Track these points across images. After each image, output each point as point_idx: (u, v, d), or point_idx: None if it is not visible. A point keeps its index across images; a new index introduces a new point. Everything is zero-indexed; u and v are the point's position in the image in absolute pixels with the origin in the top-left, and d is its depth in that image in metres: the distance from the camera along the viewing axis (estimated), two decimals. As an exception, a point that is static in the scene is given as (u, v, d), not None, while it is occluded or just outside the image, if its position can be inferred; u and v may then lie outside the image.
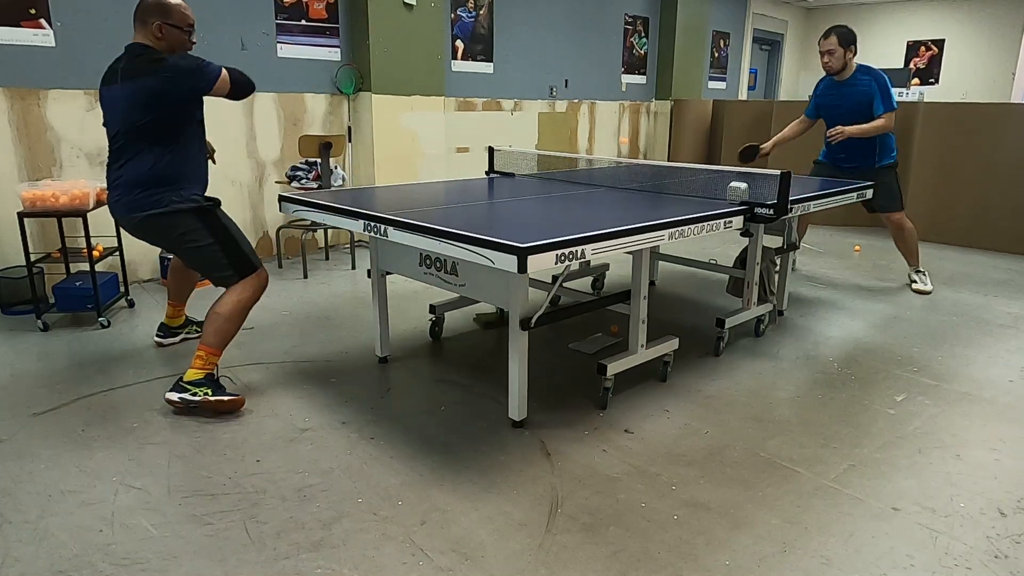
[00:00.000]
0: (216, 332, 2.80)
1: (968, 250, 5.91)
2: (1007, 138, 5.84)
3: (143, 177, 2.75)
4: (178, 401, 2.73)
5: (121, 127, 2.74)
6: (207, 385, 2.76)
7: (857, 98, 4.33)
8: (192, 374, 2.77)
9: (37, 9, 4.04)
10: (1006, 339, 3.73)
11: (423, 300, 4.17)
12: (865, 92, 4.31)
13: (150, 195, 2.76)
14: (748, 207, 2.99)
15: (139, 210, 2.78)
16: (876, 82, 4.29)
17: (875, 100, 4.27)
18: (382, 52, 5.42)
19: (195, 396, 2.73)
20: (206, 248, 2.82)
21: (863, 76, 4.34)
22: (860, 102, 4.32)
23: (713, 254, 5.09)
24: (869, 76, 4.33)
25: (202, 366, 2.78)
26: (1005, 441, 2.61)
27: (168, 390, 2.77)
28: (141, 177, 2.75)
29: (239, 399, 2.79)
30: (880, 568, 1.89)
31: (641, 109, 8.47)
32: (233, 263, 2.85)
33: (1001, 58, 10.16)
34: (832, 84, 4.47)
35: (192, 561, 1.89)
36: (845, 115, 4.38)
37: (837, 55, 4.29)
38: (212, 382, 2.79)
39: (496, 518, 2.09)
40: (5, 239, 4.05)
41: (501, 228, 2.43)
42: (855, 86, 4.35)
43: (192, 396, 2.73)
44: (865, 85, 4.31)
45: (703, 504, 2.18)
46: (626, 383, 3.02)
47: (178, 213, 2.80)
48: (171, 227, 2.81)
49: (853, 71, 4.37)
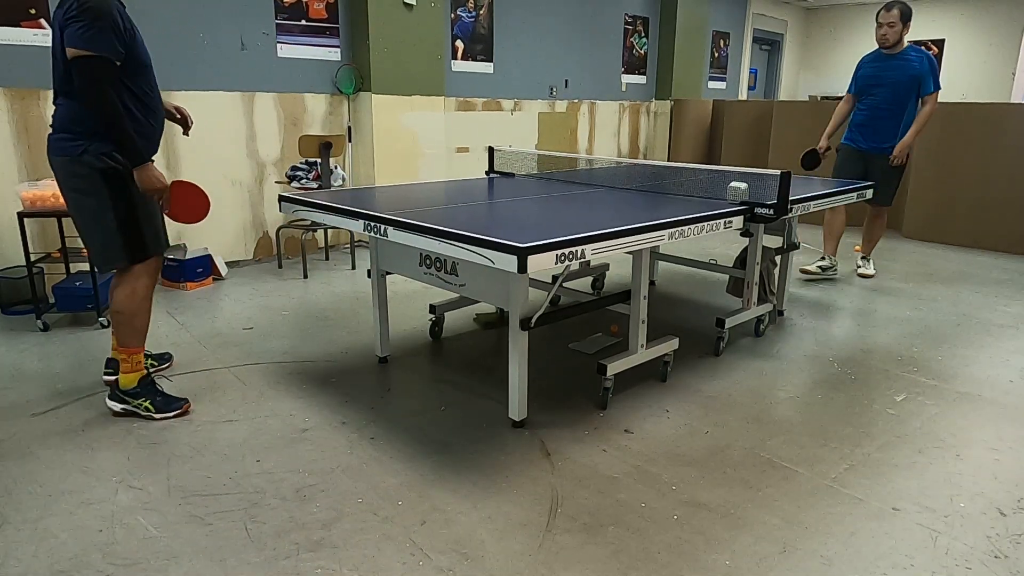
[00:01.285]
0: (127, 332, 2.66)
1: (968, 250, 5.91)
2: (1007, 138, 5.84)
3: (64, 121, 2.51)
4: (120, 412, 2.68)
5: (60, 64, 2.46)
6: (146, 396, 2.69)
7: (905, 71, 4.41)
8: (125, 381, 2.69)
9: (37, 9, 4.04)
10: (1006, 339, 3.73)
11: (423, 300, 4.17)
12: (915, 68, 4.39)
13: (66, 140, 2.49)
14: (748, 207, 2.99)
15: (55, 154, 2.53)
16: (928, 60, 4.40)
17: (925, 79, 4.38)
18: (382, 52, 5.42)
19: (138, 410, 2.68)
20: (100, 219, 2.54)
21: (915, 53, 4.44)
22: (908, 75, 4.40)
23: (713, 254, 5.09)
24: (921, 55, 4.42)
25: (130, 369, 2.68)
26: (1005, 441, 2.61)
27: (108, 396, 2.71)
28: (63, 120, 2.51)
29: (184, 408, 2.72)
30: (880, 568, 1.89)
31: (641, 109, 8.47)
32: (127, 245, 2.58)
33: (1001, 58, 10.16)
34: (879, 57, 4.54)
35: (192, 561, 1.89)
36: (886, 87, 4.47)
37: (896, 29, 4.37)
38: (150, 389, 2.71)
39: (496, 518, 2.09)
40: (5, 239, 4.05)
41: (501, 228, 2.43)
42: (906, 60, 4.43)
43: (135, 409, 2.68)
44: (916, 61, 4.40)
45: (703, 504, 2.18)
46: (626, 383, 3.02)
47: (87, 168, 2.49)
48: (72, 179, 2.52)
49: (904, 47, 4.46)
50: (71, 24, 2.32)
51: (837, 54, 11.61)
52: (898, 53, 4.46)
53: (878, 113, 4.56)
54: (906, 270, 5.13)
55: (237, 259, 5.17)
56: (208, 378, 3.11)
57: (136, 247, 2.61)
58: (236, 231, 5.15)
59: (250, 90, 5.02)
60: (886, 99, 4.49)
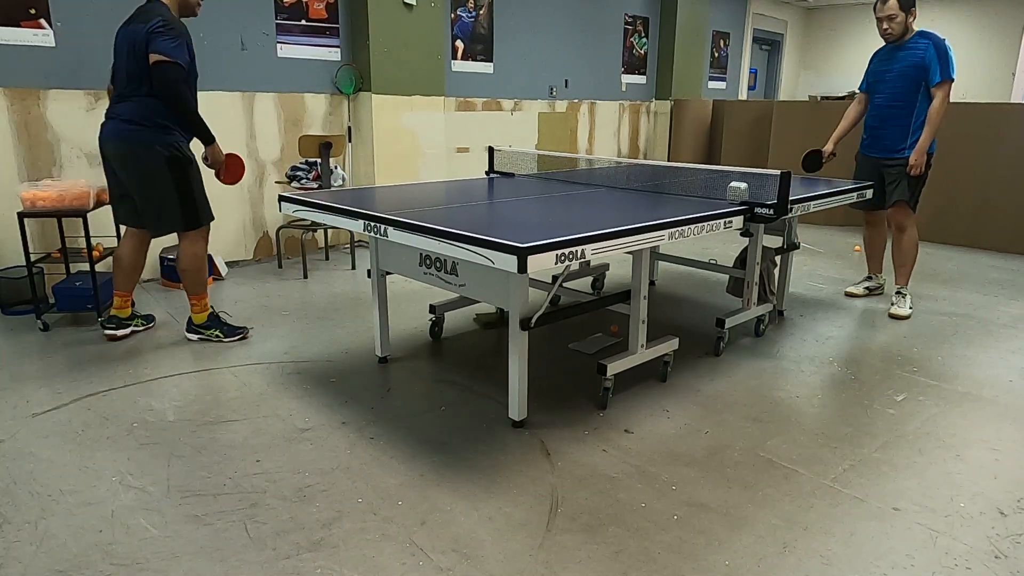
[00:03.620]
0: (195, 283, 3.45)
1: (968, 250, 5.91)
2: (1007, 138, 5.84)
3: (136, 115, 3.17)
4: (195, 340, 3.51)
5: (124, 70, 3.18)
6: (215, 327, 3.53)
7: (910, 61, 3.87)
8: (198, 318, 3.52)
9: (37, 9, 4.04)
10: (1006, 339, 3.73)
11: (423, 300, 4.17)
12: (920, 56, 3.83)
13: (140, 131, 3.17)
14: (748, 207, 2.99)
15: (128, 142, 3.20)
16: (935, 46, 3.79)
17: (931, 67, 3.79)
18: (382, 52, 5.42)
19: (211, 339, 3.52)
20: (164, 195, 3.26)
21: (921, 40, 3.85)
22: (912, 65, 3.86)
23: (713, 254, 5.09)
24: (927, 40, 3.83)
25: (201, 310, 3.51)
26: (1005, 441, 2.61)
27: (186, 330, 3.55)
28: (135, 114, 3.17)
29: (245, 334, 3.58)
30: (880, 568, 1.89)
31: (641, 109, 8.47)
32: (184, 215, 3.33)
33: (1001, 58, 10.16)
34: (888, 50, 4.01)
35: (192, 561, 1.89)
36: (891, 81, 3.96)
37: (898, 20, 3.82)
38: (217, 322, 3.55)
39: (496, 518, 2.09)
40: (5, 239, 4.05)
41: (501, 228, 2.43)
42: (911, 49, 3.88)
43: (209, 338, 3.52)
44: (921, 49, 3.83)
45: (703, 504, 2.18)
46: (626, 383, 3.02)
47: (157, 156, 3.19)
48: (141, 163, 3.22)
49: (912, 35, 3.90)
50: (157, 36, 3.03)
51: (837, 54, 11.62)
52: (906, 42, 3.90)
53: (882, 113, 4.06)
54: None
55: (237, 259, 5.17)
56: (208, 378, 3.11)
57: (191, 217, 3.36)
58: (236, 231, 5.15)
59: (250, 90, 5.02)
60: (890, 96, 3.98)
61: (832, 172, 4.72)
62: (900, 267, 4.15)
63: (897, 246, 4.13)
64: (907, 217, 4.05)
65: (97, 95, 4.31)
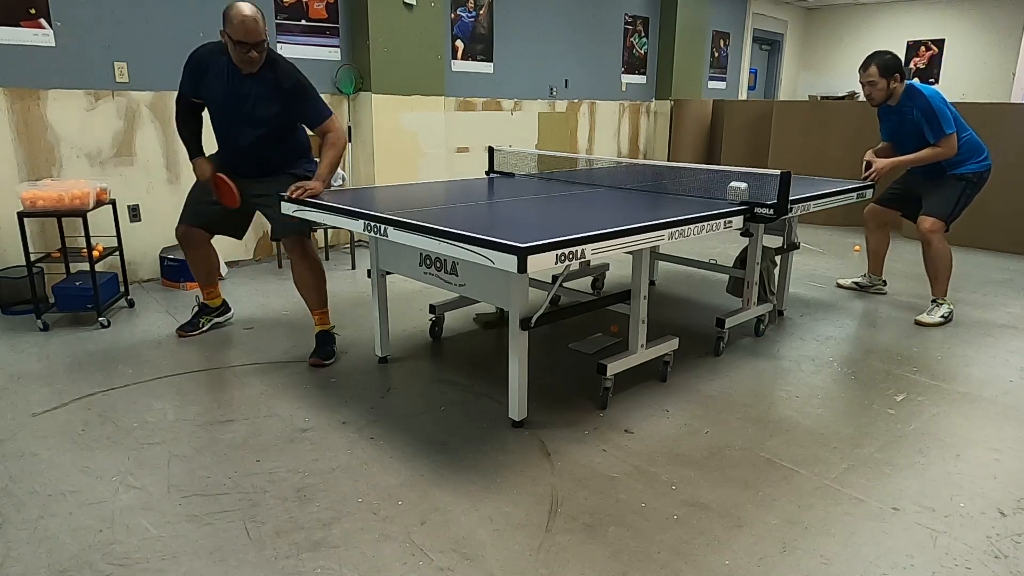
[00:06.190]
0: (319, 298, 3.38)
1: (968, 250, 5.91)
2: (1007, 138, 5.83)
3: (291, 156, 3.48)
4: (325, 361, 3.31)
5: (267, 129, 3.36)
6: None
7: (910, 127, 3.93)
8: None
9: (37, 9, 4.04)
10: (1006, 339, 3.73)
11: (423, 300, 4.17)
12: (912, 122, 3.90)
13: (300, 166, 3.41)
14: (748, 207, 2.99)
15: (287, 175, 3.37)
16: (920, 111, 3.83)
17: (925, 131, 3.85)
18: (382, 52, 5.42)
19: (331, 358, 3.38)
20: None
21: (907, 102, 3.89)
22: (912, 131, 3.92)
23: (713, 254, 5.09)
24: (912, 103, 3.87)
25: (326, 322, 3.42)
26: (1005, 441, 2.61)
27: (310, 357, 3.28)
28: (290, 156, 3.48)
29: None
30: (880, 568, 1.89)
31: (641, 109, 8.47)
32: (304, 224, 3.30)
33: (1001, 58, 10.16)
34: (888, 108, 4.04)
35: (192, 561, 1.89)
36: (905, 139, 4.00)
37: (879, 86, 3.87)
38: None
39: (496, 518, 2.09)
40: (5, 239, 4.05)
41: (501, 228, 2.43)
42: (903, 114, 3.94)
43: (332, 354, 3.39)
44: (909, 114, 3.89)
45: (703, 504, 2.18)
46: (626, 383, 3.02)
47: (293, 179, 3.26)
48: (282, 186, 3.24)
49: (899, 98, 3.93)
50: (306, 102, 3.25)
51: (837, 54, 11.62)
52: (896, 105, 3.94)
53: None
54: (906, 270, 5.12)
55: (237, 259, 5.17)
56: (208, 378, 3.11)
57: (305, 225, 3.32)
58: (236, 231, 5.14)
59: (250, 90, 5.01)
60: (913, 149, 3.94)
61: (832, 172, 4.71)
62: (933, 279, 4.09)
63: (927, 258, 4.08)
64: (934, 230, 3.98)
65: (97, 95, 4.31)
